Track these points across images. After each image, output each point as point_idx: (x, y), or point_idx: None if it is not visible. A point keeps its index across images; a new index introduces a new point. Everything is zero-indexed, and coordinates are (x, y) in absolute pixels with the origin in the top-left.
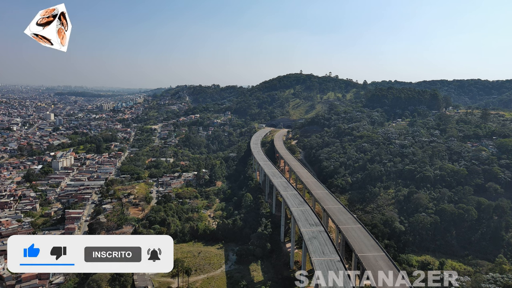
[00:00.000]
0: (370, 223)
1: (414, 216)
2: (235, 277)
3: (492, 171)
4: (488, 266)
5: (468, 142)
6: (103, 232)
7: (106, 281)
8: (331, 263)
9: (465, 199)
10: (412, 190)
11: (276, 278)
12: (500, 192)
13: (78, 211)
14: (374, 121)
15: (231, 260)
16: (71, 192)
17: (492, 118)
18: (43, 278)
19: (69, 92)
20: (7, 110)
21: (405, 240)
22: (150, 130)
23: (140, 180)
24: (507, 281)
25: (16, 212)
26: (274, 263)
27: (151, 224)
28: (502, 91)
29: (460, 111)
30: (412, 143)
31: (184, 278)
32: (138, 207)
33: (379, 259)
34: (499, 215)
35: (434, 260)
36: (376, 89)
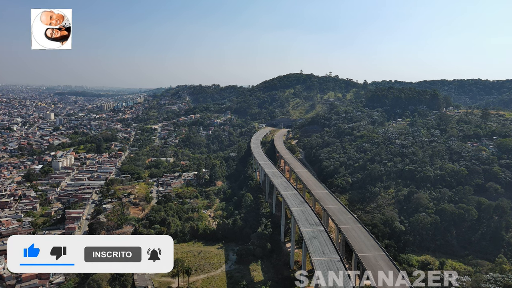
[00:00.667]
0: (370, 223)
1: (414, 216)
2: (235, 277)
3: (492, 171)
4: (488, 266)
5: (468, 142)
6: (103, 232)
7: (106, 281)
8: (331, 263)
9: (465, 199)
10: (412, 190)
11: (276, 278)
12: (500, 192)
13: (78, 210)
14: (374, 121)
15: (231, 260)
16: (71, 192)
17: (492, 118)
18: (43, 278)
19: (69, 92)
20: (7, 110)
21: (405, 240)
22: (150, 130)
23: (140, 180)
24: (507, 281)
25: (17, 211)
26: (274, 263)
27: (151, 224)
28: (503, 91)
29: (460, 111)
30: (412, 143)
31: (184, 278)
32: (138, 207)
33: (379, 259)
34: (499, 215)
35: (434, 260)
36: (376, 89)
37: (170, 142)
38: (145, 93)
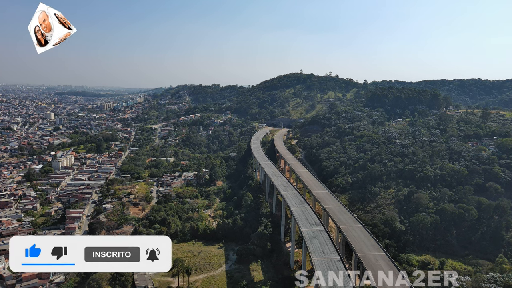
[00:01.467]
0: (370, 223)
1: (415, 216)
2: (235, 276)
3: (493, 171)
4: (489, 265)
5: (468, 142)
6: (103, 231)
7: (106, 281)
8: (331, 263)
9: (465, 199)
10: (412, 190)
11: (276, 278)
12: (500, 192)
13: (79, 210)
14: (374, 120)
15: (231, 260)
16: (72, 191)
17: (492, 118)
18: (43, 277)
19: (69, 91)
20: (7, 110)
21: (405, 239)
22: (150, 129)
23: (141, 179)
24: (507, 280)
25: (17, 211)
26: (274, 262)
27: (152, 223)
28: (503, 91)
29: (460, 110)
30: (413, 142)
31: (184, 277)
32: (139, 207)
33: (379, 258)
34: (499, 215)
35: (435, 260)
36: (377, 88)
37: (170, 142)
38: (145, 93)
